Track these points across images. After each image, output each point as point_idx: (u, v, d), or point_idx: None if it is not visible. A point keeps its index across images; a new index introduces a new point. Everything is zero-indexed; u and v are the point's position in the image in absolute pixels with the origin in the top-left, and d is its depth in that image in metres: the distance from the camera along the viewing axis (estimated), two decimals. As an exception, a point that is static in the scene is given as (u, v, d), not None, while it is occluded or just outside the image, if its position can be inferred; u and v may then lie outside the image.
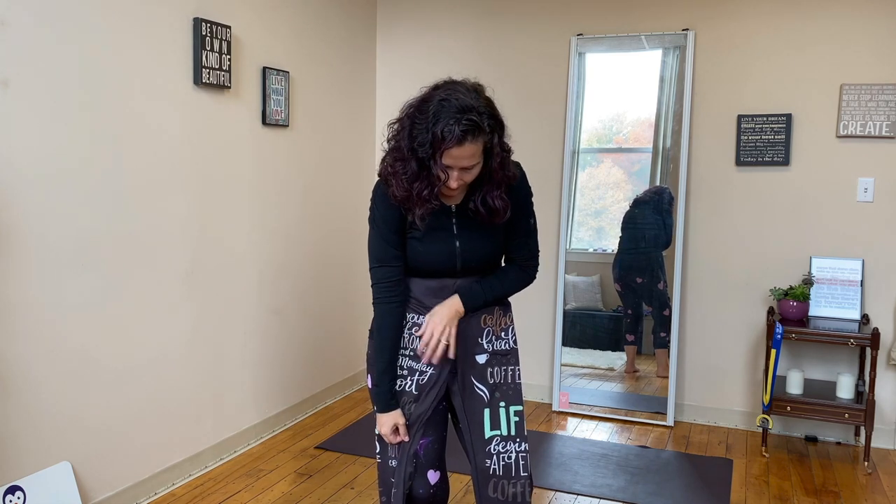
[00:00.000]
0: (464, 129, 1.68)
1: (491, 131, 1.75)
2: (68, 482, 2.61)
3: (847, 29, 3.62)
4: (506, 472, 1.92)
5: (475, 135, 1.71)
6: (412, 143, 1.75)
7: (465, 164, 1.74)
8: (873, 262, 3.65)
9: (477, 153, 1.74)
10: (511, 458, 1.93)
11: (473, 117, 1.70)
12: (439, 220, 1.89)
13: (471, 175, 1.79)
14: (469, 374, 1.95)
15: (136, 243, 2.88)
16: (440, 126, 1.69)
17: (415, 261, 1.91)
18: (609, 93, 4.08)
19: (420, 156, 1.75)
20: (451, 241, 1.89)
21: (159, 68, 2.93)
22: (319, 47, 4.00)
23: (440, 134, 1.69)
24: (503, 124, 1.80)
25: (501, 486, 1.91)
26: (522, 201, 1.96)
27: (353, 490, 3.10)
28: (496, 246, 1.95)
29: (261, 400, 3.65)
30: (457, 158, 1.73)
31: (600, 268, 4.16)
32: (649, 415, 3.98)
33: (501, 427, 1.94)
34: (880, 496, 3.13)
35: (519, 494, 1.91)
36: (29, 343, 2.49)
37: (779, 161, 3.75)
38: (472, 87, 1.77)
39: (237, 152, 3.39)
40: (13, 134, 2.40)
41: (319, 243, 4.05)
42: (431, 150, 1.72)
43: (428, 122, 1.71)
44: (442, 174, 1.75)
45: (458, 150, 1.71)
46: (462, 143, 1.70)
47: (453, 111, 1.69)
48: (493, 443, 1.93)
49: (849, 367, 3.71)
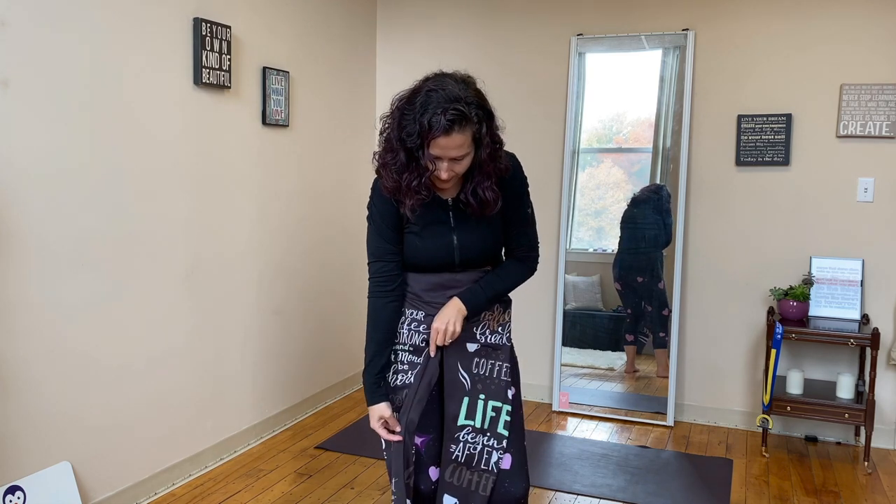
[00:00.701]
0: (450, 119, 1.69)
1: (479, 121, 1.75)
2: (68, 482, 2.61)
3: (847, 29, 3.62)
4: (467, 461, 1.91)
5: (462, 124, 1.71)
6: (401, 134, 1.76)
7: (453, 154, 1.74)
8: (873, 262, 3.65)
9: (465, 143, 1.75)
10: (476, 450, 1.92)
11: (461, 107, 1.70)
12: (436, 214, 1.89)
13: (461, 166, 1.79)
14: (456, 359, 1.95)
15: (136, 243, 2.88)
16: (427, 116, 1.70)
17: (413, 256, 1.91)
18: (609, 93, 4.08)
19: (409, 146, 1.75)
20: (448, 235, 1.90)
21: (159, 68, 2.93)
22: (319, 47, 4.00)
23: (427, 124, 1.70)
24: (492, 115, 1.80)
25: (459, 472, 1.91)
26: (518, 191, 1.95)
27: (353, 490, 3.10)
28: (494, 238, 1.95)
29: (261, 400, 3.65)
30: (444, 148, 1.73)
31: (600, 268, 4.16)
32: (649, 415, 3.98)
33: (476, 419, 1.93)
34: (880, 496, 3.13)
35: (475, 483, 1.90)
36: (29, 343, 2.49)
37: (779, 161, 3.75)
38: (462, 79, 1.78)
39: (237, 152, 3.39)
40: (13, 134, 2.40)
41: (319, 243, 4.06)
42: (419, 140, 1.73)
43: (416, 113, 1.72)
44: (430, 164, 1.76)
45: (445, 140, 1.71)
46: (449, 132, 1.70)
47: (441, 101, 1.70)
48: (464, 431, 1.93)
49: (849, 367, 3.71)
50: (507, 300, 2.06)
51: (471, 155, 1.78)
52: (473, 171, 1.83)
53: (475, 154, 1.79)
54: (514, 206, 1.94)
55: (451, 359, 1.96)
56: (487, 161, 1.80)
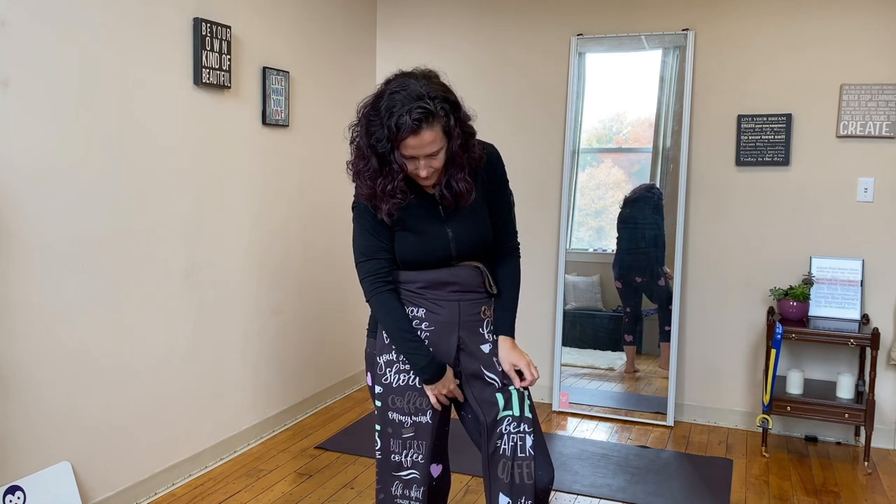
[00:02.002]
0: (417, 119, 1.70)
1: (446, 114, 1.75)
2: (68, 482, 2.61)
3: (847, 29, 3.62)
4: (513, 453, 1.92)
5: (430, 121, 1.72)
6: (370, 140, 1.77)
7: (427, 150, 1.75)
8: (873, 262, 3.65)
9: (437, 138, 1.75)
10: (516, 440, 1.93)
11: (425, 104, 1.71)
12: (426, 209, 1.90)
13: (438, 161, 1.79)
14: (477, 364, 1.97)
15: (136, 243, 2.88)
16: (394, 119, 1.71)
17: (410, 253, 1.91)
18: (609, 93, 4.08)
19: (380, 151, 1.77)
20: (442, 229, 1.90)
21: (159, 68, 2.93)
22: (319, 47, 4.00)
23: (394, 126, 1.71)
24: (459, 105, 1.80)
25: (508, 468, 1.91)
26: (502, 179, 1.99)
27: (353, 490, 3.10)
28: (486, 228, 1.96)
29: (261, 400, 3.65)
30: (416, 148, 1.74)
31: (600, 268, 4.16)
32: (649, 415, 3.98)
33: (514, 407, 1.95)
34: (880, 496, 3.13)
35: (517, 475, 1.91)
36: (28, 343, 2.49)
37: (779, 161, 3.75)
38: (423, 75, 1.79)
39: (237, 152, 3.39)
40: (13, 134, 2.40)
41: (319, 243, 4.05)
42: (389, 144, 1.74)
43: (382, 118, 1.73)
44: (405, 166, 1.77)
45: (415, 140, 1.73)
46: (417, 132, 1.71)
47: (405, 102, 1.71)
48: (505, 423, 1.94)
49: (849, 367, 3.71)
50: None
51: (444, 150, 1.80)
52: (447, 163, 1.83)
53: (447, 146, 1.80)
54: (499, 193, 1.98)
55: (471, 365, 1.97)
56: (459, 153, 1.82)
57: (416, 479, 1.96)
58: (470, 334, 1.96)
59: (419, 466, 1.96)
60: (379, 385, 1.98)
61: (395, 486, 1.98)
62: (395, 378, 1.96)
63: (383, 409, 1.98)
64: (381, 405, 1.98)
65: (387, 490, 2.00)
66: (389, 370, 1.96)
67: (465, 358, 1.97)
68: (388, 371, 1.96)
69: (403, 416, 1.95)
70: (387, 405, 1.97)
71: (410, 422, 1.95)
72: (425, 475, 1.96)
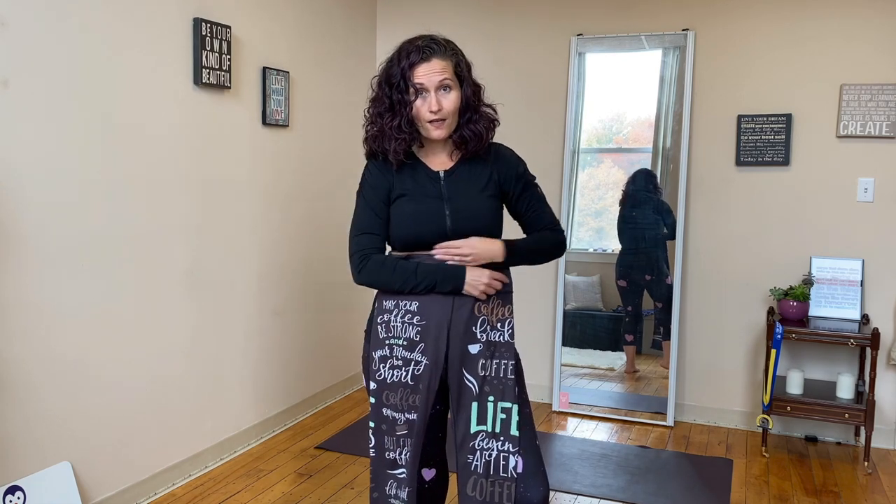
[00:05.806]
0: (427, 46, 1.85)
1: (455, 55, 1.89)
2: (68, 482, 2.61)
3: (847, 29, 3.62)
4: (486, 470, 1.89)
5: (440, 52, 1.86)
6: (388, 82, 1.89)
7: (437, 78, 1.84)
8: (873, 262, 3.65)
9: (447, 70, 1.87)
10: (492, 457, 1.90)
11: (433, 42, 1.87)
12: (427, 185, 1.94)
13: (448, 101, 1.87)
14: (460, 364, 1.91)
15: (136, 243, 2.88)
16: (405, 54, 1.86)
17: (406, 227, 1.92)
18: (609, 93, 4.08)
19: (393, 83, 1.87)
20: (440, 204, 1.92)
21: (159, 68, 2.93)
22: (319, 47, 4.00)
23: (406, 58, 1.85)
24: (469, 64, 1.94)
25: (480, 485, 1.89)
26: (521, 175, 2.03)
27: (353, 490, 3.10)
28: (486, 213, 1.95)
29: (261, 400, 3.65)
30: (427, 75, 1.84)
31: (600, 268, 4.16)
32: (649, 415, 3.98)
33: (487, 423, 1.91)
34: (880, 496, 3.13)
35: (497, 494, 1.88)
36: (28, 343, 2.49)
37: (779, 161, 3.75)
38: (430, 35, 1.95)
39: (237, 152, 3.39)
40: (12, 134, 2.40)
41: (320, 243, 4.06)
42: (403, 79, 1.86)
43: (396, 60, 1.88)
44: (419, 102, 1.85)
45: (425, 66, 1.84)
46: (428, 58, 1.84)
47: (415, 41, 1.88)
48: (478, 438, 1.91)
49: (849, 367, 3.71)
50: (507, 293, 1.98)
51: (457, 91, 1.89)
52: (464, 111, 1.92)
53: (461, 91, 1.90)
54: (527, 190, 2.02)
55: (454, 365, 1.92)
56: (473, 100, 1.92)
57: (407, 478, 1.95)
58: (461, 332, 1.91)
59: (409, 465, 1.94)
60: (373, 381, 1.96)
61: (389, 484, 1.96)
62: (388, 374, 1.93)
63: (377, 406, 1.96)
64: (376, 401, 1.96)
65: (381, 489, 1.98)
66: (383, 366, 1.94)
67: (452, 356, 1.93)
68: (381, 367, 1.94)
69: (397, 412, 1.93)
70: (381, 401, 1.95)
71: (404, 419, 1.93)
72: (412, 476, 1.95)
